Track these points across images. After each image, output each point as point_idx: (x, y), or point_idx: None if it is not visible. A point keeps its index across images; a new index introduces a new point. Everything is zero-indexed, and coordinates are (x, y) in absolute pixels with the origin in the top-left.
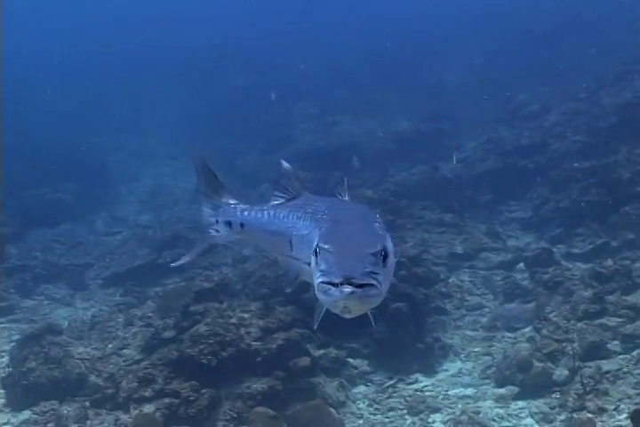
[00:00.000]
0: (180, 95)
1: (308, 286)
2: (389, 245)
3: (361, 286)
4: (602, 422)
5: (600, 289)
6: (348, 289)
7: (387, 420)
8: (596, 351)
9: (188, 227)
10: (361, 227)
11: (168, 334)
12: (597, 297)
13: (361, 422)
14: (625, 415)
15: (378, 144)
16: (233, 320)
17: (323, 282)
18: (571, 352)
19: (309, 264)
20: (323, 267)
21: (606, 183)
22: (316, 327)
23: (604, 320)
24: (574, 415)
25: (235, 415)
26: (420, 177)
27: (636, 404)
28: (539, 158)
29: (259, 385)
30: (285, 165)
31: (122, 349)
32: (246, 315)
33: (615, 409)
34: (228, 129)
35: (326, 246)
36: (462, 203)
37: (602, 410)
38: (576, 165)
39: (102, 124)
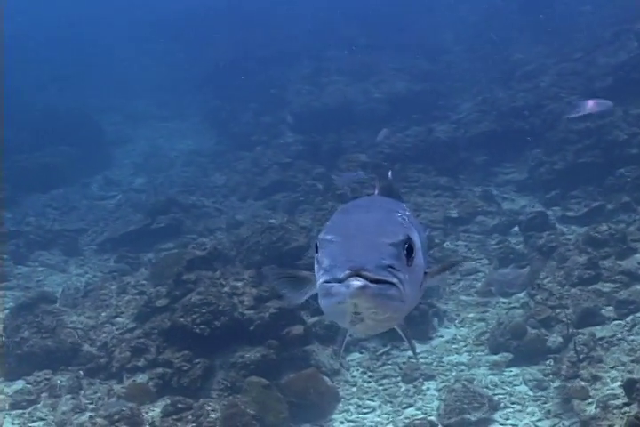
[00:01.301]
0: (175, 57)
1: (299, 253)
2: (417, 239)
3: (376, 281)
4: (595, 389)
5: (594, 254)
6: (357, 282)
7: (380, 387)
8: (590, 318)
9: (182, 191)
10: (377, 215)
11: (161, 302)
12: (591, 262)
13: (355, 389)
14: (618, 384)
15: (372, 105)
16: (226, 289)
17: (324, 282)
18: (564, 319)
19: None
20: (325, 263)
21: (602, 145)
22: (340, 356)
23: (598, 286)
24: (567, 384)
25: (228, 385)
26: (414, 139)
27: (629, 371)
28: (534, 119)
29: (252, 354)
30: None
31: (115, 317)
32: (239, 283)
33: (609, 377)
34: (222, 90)
35: (328, 237)
36: (457, 165)
37: (595, 378)
38: (570, 116)
39: (95, 87)
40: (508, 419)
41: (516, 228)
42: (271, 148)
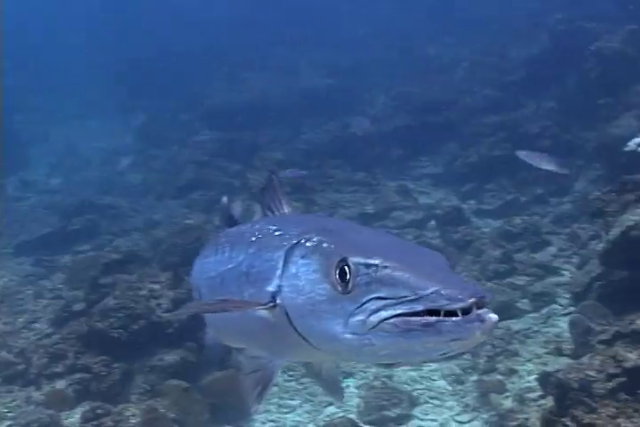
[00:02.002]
0: (93, 54)
1: None
2: None
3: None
4: (512, 383)
5: (509, 248)
6: (493, 315)
7: (301, 386)
8: (506, 311)
9: (98, 191)
10: (400, 239)
11: (78, 306)
12: (506, 256)
13: (275, 389)
14: (534, 377)
15: (290, 101)
16: (143, 292)
17: (407, 315)
18: None
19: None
20: (385, 292)
21: (514, 138)
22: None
23: (513, 279)
24: (485, 378)
25: (148, 388)
26: (330, 135)
27: (544, 364)
28: (448, 113)
29: (171, 357)
30: (224, 201)
31: (32, 322)
32: (156, 286)
33: (525, 370)
34: (140, 88)
35: (374, 262)
36: (373, 160)
37: (512, 371)
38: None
39: (8, 85)
40: (427, 414)
41: (433, 222)
42: (187, 146)
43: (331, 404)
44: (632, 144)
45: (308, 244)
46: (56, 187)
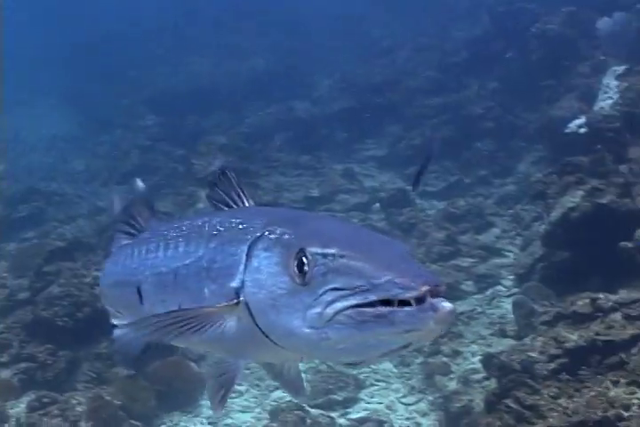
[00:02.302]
0: (35, 37)
1: None
2: None
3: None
4: (456, 365)
5: (453, 230)
6: (448, 304)
7: (247, 371)
8: (450, 293)
9: (43, 178)
10: (363, 228)
11: (23, 295)
12: (450, 238)
13: None
14: (478, 358)
15: (233, 84)
16: (87, 280)
17: (360, 305)
18: None
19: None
20: (341, 282)
21: (458, 120)
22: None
23: (457, 261)
24: (430, 360)
25: (94, 376)
26: (274, 118)
27: (488, 345)
28: (392, 95)
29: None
30: (140, 184)
31: None
32: (101, 273)
33: (469, 351)
34: (82, 72)
35: (332, 251)
36: (318, 143)
37: (456, 353)
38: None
39: None
40: (373, 397)
41: (377, 205)
42: (132, 131)
43: (278, 388)
44: (573, 126)
45: (271, 236)
46: (1, 173)
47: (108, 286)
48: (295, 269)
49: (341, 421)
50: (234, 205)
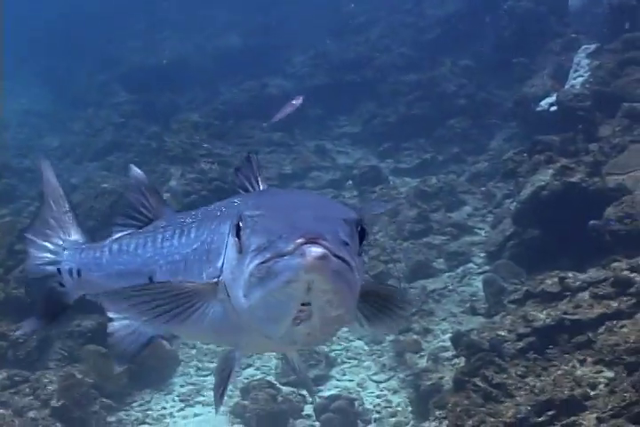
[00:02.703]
0: (7, 13)
1: None
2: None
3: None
4: (427, 342)
5: (425, 208)
6: (317, 249)
7: (219, 348)
8: (422, 270)
9: (16, 154)
10: (316, 196)
11: None
12: (422, 216)
13: (194, 352)
14: (448, 335)
15: (206, 61)
16: None
17: (260, 264)
18: (396, 273)
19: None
20: (257, 242)
21: (432, 96)
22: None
23: (429, 239)
24: (401, 338)
25: (66, 354)
26: (247, 95)
27: (459, 322)
28: (366, 72)
29: (88, 322)
30: (136, 171)
31: None
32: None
33: (440, 329)
34: (54, 48)
35: (257, 212)
36: (292, 120)
37: (427, 331)
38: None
39: None
40: (344, 375)
41: (350, 182)
42: (105, 108)
43: (250, 366)
44: (544, 104)
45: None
46: None
47: (104, 277)
48: (235, 236)
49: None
50: (250, 189)
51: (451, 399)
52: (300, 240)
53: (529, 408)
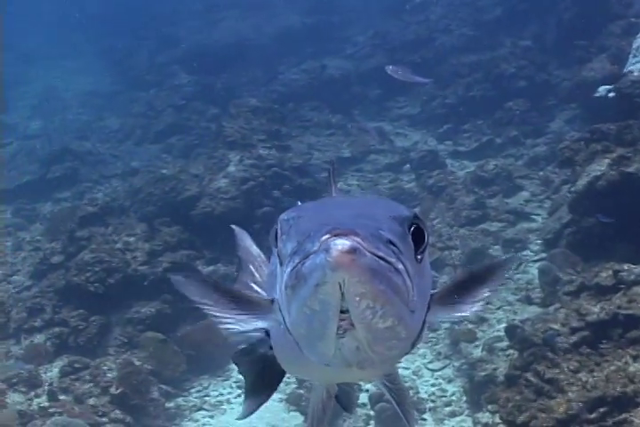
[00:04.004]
0: None
1: (192, 203)
2: (427, 227)
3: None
4: (482, 331)
5: (481, 194)
6: (344, 241)
7: None
8: (478, 258)
9: (77, 137)
10: (367, 198)
11: (56, 259)
12: (479, 202)
13: None
14: (504, 325)
15: (265, 41)
16: (118, 245)
17: (291, 271)
18: (452, 261)
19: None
20: (289, 248)
21: (491, 78)
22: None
23: (485, 225)
24: (456, 326)
25: (125, 341)
26: (307, 76)
27: (514, 311)
28: (426, 53)
29: (147, 309)
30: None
31: (11, 275)
32: (131, 239)
33: (495, 318)
34: (114, 27)
35: (293, 214)
36: (351, 100)
37: (482, 320)
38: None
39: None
40: (399, 362)
41: (408, 165)
42: (165, 89)
43: None
44: (602, 90)
45: None
46: (36, 131)
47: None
48: (273, 246)
49: (367, 386)
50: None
51: (502, 395)
52: (325, 236)
53: (581, 405)
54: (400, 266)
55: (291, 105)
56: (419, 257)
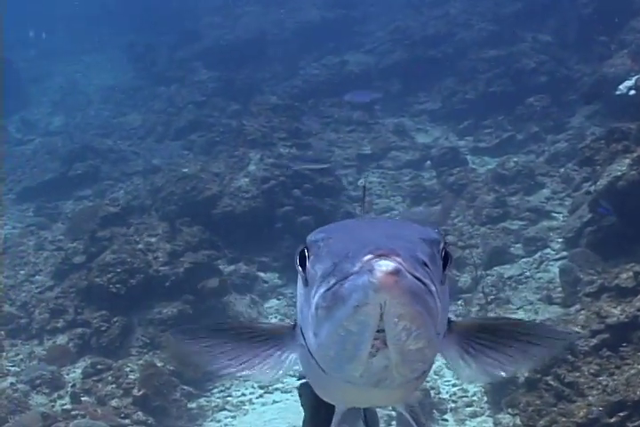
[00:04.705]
0: None
1: (213, 202)
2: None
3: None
4: None
5: (502, 192)
6: (389, 262)
7: None
8: (499, 256)
9: (98, 134)
10: (394, 220)
11: (78, 259)
12: (499, 201)
13: None
14: None
15: (286, 36)
16: (140, 246)
17: (325, 291)
18: (474, 260)
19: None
20: (320, 269)
21: (511, 73)
22: None
23: (506, 224)
24: None
25: (148, 341)
26: (327, 72)
27: (535, 311)
28: (446, 48)
29: (169, 310)
30: None
31: (34, 275)
32: (153, 239)
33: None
34: (136, 22)
35: (322, 235)
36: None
37: None
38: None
39: (7, 22)
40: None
41: (429, 162)
42: (186, 85)
43: None
44: (623, 88)
45: None
46: (58, 128)
47: None
48: (298, 266)
49: None
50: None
51: (522, 399)
52: (367, 257)
53: (601, 409)
54: (433, 288)
55: (311, 101)
56: (444, 280)
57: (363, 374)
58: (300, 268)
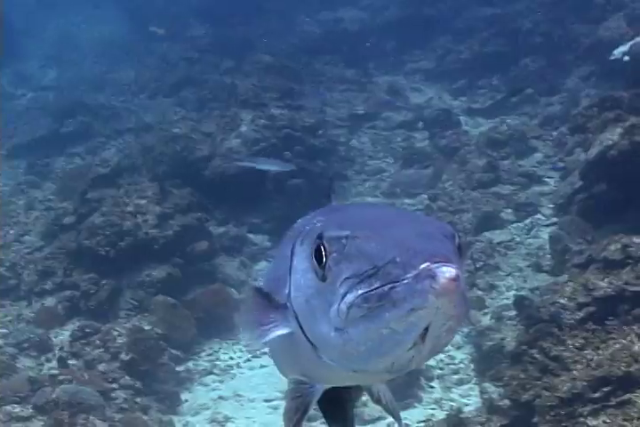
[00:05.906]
0: None
1: (204, 164)
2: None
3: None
4: (491, 299)
5: (494, 156)
6: (450, 269)
7: None
8: (489, 221)
9: (91, 88)
10: (403, 212)
11: (68, 220)
12: (491, 166)
13: None
14: (513, 292)
15: None
16: (129, 208)
17: (366, 292)
18: (462, 226)
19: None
20: (351, 269)
21: (506, 33)
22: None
23: (497, 188)
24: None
25: (136, 304)
26: (322, 30)
27: (524, 278)
28: (441, 6)
29: (158, 273)
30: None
31: (23, 235)
32: (142, 201)
33: (504, 285)
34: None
35: (345, 233)
36: (366, 54)
37: (492, 287)
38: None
39: None
40: None
41: (421, 123)
42: (179, 41)
43: None
44: (617, 53)
45: (307, 227)
46: (51, 82)
47: None
48: (314, 260)
49: None
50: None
51: (507, 372)
52: (424, 265)
53: (584, 384)
54: (463, 284)
55: (305, 59)
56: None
57: (387, 367)
58: (315, 262)
